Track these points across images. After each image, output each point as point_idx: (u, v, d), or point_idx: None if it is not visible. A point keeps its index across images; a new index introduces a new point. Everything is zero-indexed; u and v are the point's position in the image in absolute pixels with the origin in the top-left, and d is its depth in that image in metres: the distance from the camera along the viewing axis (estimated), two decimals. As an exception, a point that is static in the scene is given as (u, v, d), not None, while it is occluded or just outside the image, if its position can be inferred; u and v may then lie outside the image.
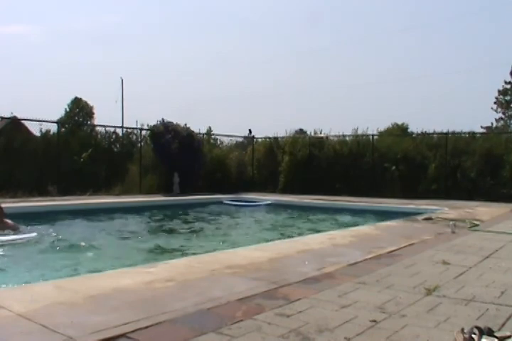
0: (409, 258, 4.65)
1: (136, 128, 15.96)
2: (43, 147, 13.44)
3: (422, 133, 15.98)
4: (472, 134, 15.39)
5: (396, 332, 2.52)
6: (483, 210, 10.03)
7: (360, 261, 4.44)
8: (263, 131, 30.68)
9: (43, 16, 62.95)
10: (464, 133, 15.28)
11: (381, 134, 16.91)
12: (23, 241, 6.40)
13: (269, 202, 13.02)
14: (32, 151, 13.08)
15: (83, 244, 6.44)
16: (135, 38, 66.24)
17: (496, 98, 40.81)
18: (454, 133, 15.13)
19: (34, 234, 6.63)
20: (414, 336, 2.47)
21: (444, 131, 15.14)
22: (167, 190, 14.39)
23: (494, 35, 56.60)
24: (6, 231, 6.75)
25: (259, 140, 18.45)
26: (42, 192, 12.16)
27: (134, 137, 16.07)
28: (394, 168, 14.72)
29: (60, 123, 14.93)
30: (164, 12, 64.09)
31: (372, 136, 16.21)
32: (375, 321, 2.69)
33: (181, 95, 63.02)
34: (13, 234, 6.62)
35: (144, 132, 15.71)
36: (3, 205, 7.30)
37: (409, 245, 5.45)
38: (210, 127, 19.70)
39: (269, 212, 11.92)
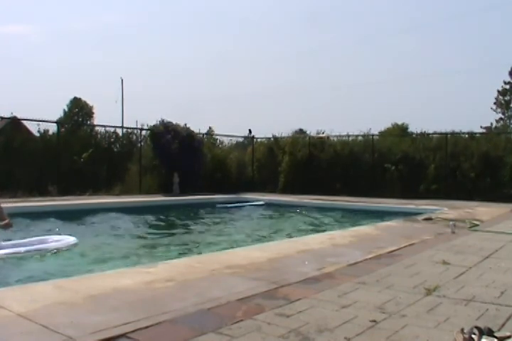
0: (409, 258, 4.65)
1: (136, 128, 15.98)
2: (42, 147, 13.45)
3: (421, 133, 16.01)
4: (472, 134, 15.42)
5: (396, 332, 2.52)
6: (482, 210, 10.03)
7: (360, 261, 4.44)
8: (263, 131, 30.67)
9: (43, 16, 62.94)
10: (464, 133, 15.31)
11: (381, 134, 16.92)
12: (68, 246, 6.01)
13: (262, 202, 12.97)
14: (32, 151, 13.08)
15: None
16: (135, 37, 66.25)
17: (496, 98, 40.83)
18: (453, 133, 15.15)
19: (74, 239, 6.20)
20: (414, 336, 2.47)
21: (444, 131, 15.18)
22: (167, 190, 14.38)
23: (494, 35, 56.60)
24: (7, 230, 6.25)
25: (259, 140, 18.46)
26: (42, 192, 12.16)
27: (134, 137, 16.07)
28: (393, 168, 14.72)
29: (59, 123, 14.93)
30: (164, 12, 64.10)
31: (372, 136, 16.23)
32: (375, 321, 2.69)
33: (181, 95, 63.05)
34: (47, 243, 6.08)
35: (144, 132, 15.73)
36: (2, 205, 7.15)
37: (409, 245, 5.45)
38: (210, 127, 19.72)
39: (261, 212, 11.84)
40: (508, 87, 40.68)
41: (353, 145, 16.23)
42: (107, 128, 15.54)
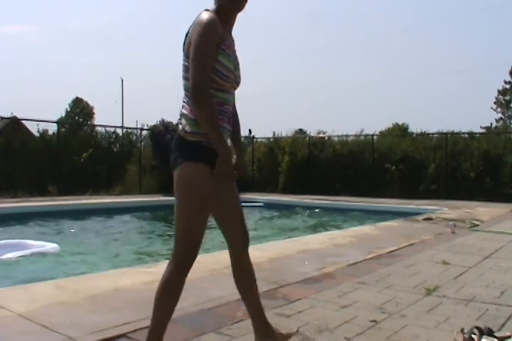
0: (409, 258, 4.66)
1: (136, 128, 15.97)
2: (43, 147, 13.44)
3: (421, 133, 16.00)
4: (472, 134, 15.43)
5: (396, 332, 2.52)
6: (482, 210, 10.03)
7: (360, 261, 4.44)
8: (263, 131, 30.66)
9: (43, 16, 63.01)
10: (464, 133, 15.33)
11: (381, 134, 16.90)
12: (49, 252, 5.74)
13: (261, 203, 12.91)
14: (32, 151, 13.08)
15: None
16: (135, 37, 66.31)
17: (496, 98, 40.84)
18: (453, 133, 15.15)
19: (55, 246, 5.93)
20: (414, 336, 2.47)
21: (444, 131, 15.18)
22: (167, 190, 14.34)
23: (494, 35, 56.64)
24: None
25: (259, 140, 18.45)
26: (42, 192, 12.16)
27: (134, 137, 16.06)
28: (394, 168, 14.72)
29: (59, 123, 14.93)
30: (164, 12, 64.16)
31: (373, 136, 16.22)
32: (375, 321, 2.69)
33: (181, 95, 63.04)
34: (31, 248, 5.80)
35: (144, 132, 15.72)
36: (2, 205, 7.02)
37: (409, 245, 5.46)
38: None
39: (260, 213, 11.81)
40: (508, 86, 40.70)
41: (353, 145, 16.22)
42: (107, 128, 15.55)
